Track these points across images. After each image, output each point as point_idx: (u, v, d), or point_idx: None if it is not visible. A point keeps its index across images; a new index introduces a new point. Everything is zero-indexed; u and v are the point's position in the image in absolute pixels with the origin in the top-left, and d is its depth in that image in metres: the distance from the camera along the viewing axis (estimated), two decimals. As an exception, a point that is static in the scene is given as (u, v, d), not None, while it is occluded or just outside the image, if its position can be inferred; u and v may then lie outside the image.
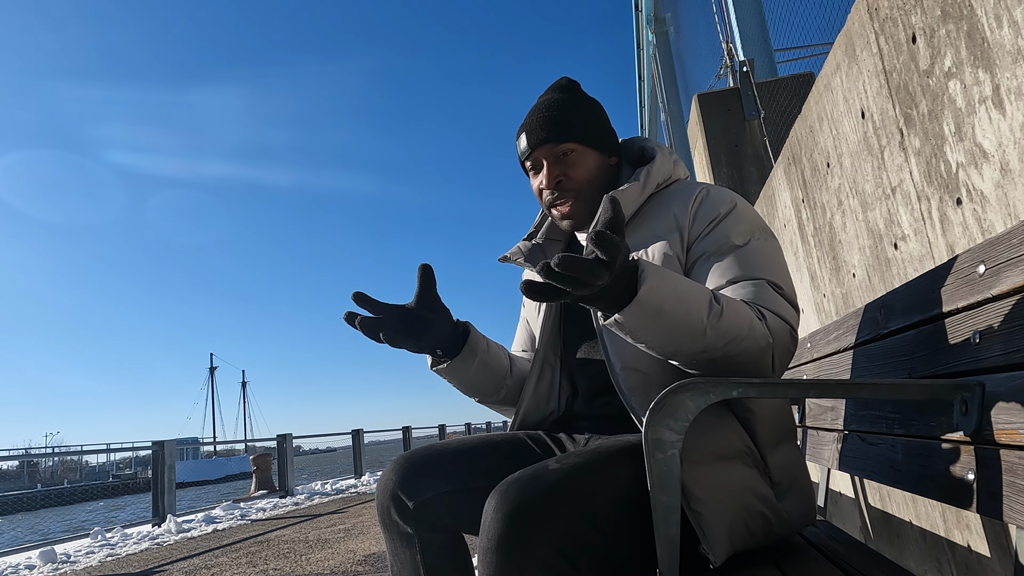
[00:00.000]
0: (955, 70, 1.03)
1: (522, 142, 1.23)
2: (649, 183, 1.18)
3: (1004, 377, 0.74)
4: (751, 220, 1.11)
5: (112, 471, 51.43)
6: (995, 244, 0.76)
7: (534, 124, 1.21)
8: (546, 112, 1.21)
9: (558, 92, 1.25)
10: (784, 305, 1.02)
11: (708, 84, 5.04)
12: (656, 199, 1.19)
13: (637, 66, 10.94)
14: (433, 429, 17.74)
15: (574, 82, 1.27)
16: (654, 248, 1.12)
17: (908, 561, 1.57)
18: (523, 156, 1.23)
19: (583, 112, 1.22)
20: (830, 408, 1.44)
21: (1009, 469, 0.72)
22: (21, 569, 4.85)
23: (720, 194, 1.14)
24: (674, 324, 0.89)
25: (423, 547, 1.14)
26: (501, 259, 1.32)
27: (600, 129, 1.23)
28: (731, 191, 1.16)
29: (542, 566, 0.84)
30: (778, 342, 0.98)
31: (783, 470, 1.03)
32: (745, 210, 1.13)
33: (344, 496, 8.86)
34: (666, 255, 1.10)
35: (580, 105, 1.23)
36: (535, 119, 1.21)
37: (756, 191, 3.72)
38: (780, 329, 0.98)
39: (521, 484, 0.88)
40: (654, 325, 0.88)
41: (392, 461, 1.19)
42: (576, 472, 0.92)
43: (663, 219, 1.14)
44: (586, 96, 1.26)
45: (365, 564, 3.89)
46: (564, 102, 1.22)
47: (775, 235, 1.13)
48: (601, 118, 1.25)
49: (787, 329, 1.00)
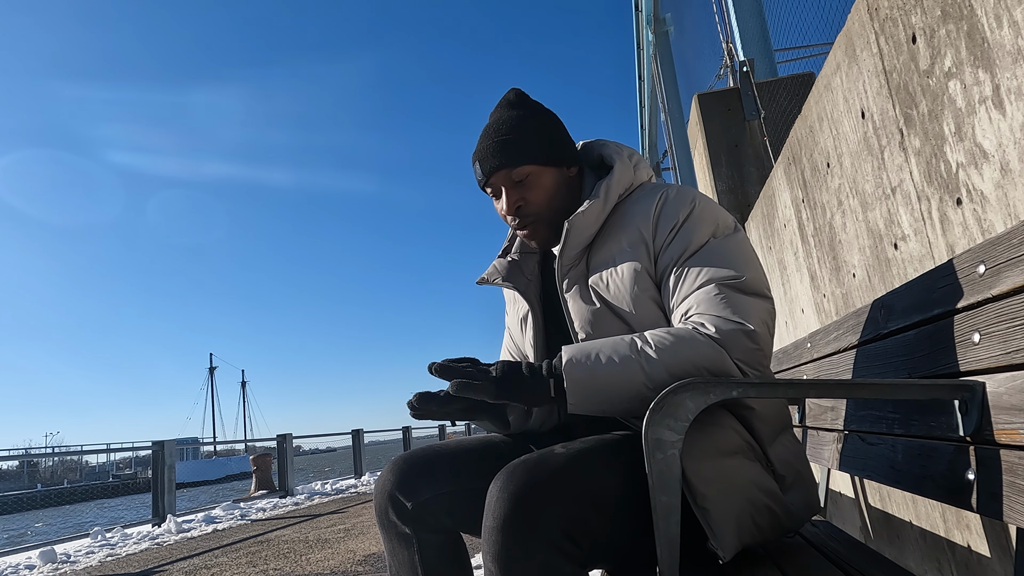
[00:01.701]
0: (955, 70, 1.02)
1: (477, 170, 1.20)
2: (610, 198, 1.15)
3: (1004, 377, 0.74)
4: (711, 220, 1.09)
5: (112, 471, 51.44)
6: (995, 244, 0.76)
7: (486, 151, 1.17)
8: (495, 137, 1.17)
9: (507, 110, 1.21)
10: (739, 302, 0.99)
11: (708, 84, 5.04)
12: (620, 209, 1.16)
13: (637, 66, 10.93)
14: (433, 429, 17.77)
15: (522, 95, 1.23)
16: (623, 266, 1.10)
17: (908, 561, 1.57)
18: (480, 184, 1.21)
19: (533, 130, 1.18)
20: (830, 408, 1.44)
21: (1009, 469, 0.72)
22: (21, 569, 4.85)
23: (679, 197, 1.11)
24: (614, 389, 0.95)
25: (421, 547, 1.14)
26: (479, 282, 1.30)
27: (554, 144, 1.19)
28: (692, 190, 1.14)
29: (547, 545, 0.85)
30: (732, 346, 0.95)
31: (785, 463, 1.03)
32: (704, 210, 1.09)
33: (344, 496, 8.86)
34: (636, 271, 1.09)
35: (530, 122, 1.18)
36: (486, 145, 1.17)
37: (756, 191, 3.72)
38: (729, 332, 0.96)
39: (527, 466, 0.89)
40: (597, 393, 0.95)
41: (390, 462, 1.19)
42: (581, 457, 0.93)
43: (628, 232, 1.12)
44: (537, 109, 1.21)
45: (365, 564, 3.89)
46: (514, 121, 1.18)
47: (740, 226, 1.11)
48: (554, 131, 1.20)
49: (737, 329, 0.96)
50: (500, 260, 1.30)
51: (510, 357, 1.38)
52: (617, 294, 1.09)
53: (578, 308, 1.13)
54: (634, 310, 1.07)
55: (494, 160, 1.16)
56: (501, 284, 1.27)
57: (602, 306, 1.10)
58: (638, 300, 1.08)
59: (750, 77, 3.94)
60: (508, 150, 1.16)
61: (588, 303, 1.12)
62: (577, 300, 1.13)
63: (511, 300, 1.36)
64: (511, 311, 1.35)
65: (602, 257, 1.14)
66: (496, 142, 1.17)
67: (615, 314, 1.09)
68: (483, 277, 1.29)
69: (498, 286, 1.30)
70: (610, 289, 1.10)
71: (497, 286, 1.30)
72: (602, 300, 1.11)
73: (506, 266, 1.28)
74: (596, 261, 1.14)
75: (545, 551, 0.84)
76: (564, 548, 0.85)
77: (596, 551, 0.90)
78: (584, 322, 1.11)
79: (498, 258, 1.31)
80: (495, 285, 1.29)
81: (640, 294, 1.08)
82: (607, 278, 1.11)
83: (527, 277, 1.28)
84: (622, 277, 1.09)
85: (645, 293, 1.08)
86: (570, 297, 1.14)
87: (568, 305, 1.14)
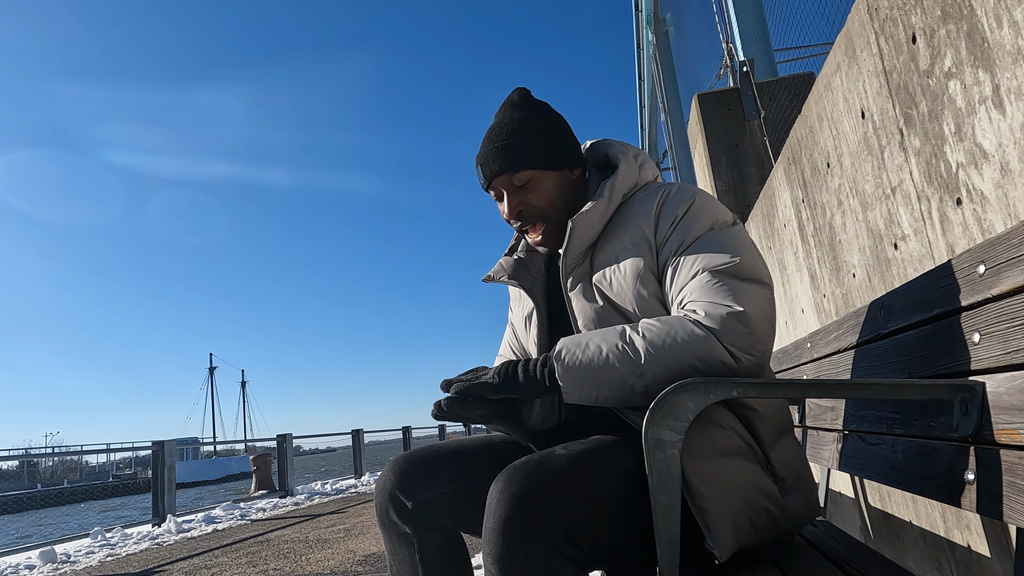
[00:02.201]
0: (955, 70, 1.02)
1: (480, 173, 1.21)
2: (614, 197, 1.16)
3: (1004, 377, 0.74)
4: (710, 214, 1.09)
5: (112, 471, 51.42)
6: (995, 244, 0.76)
7: (488, 155, 1.18)
8: (496, 142, 1.17)
9: (510, 112, 1.21)
10: (731, 287, 0.98)
11: (708, 84, 5.04)
12: (624, 208, 1.17)
13: (637, 66, 10.94)
14: (433, 429, 17.75)
15: (527, 96, 1.23)
16: (626, 264, 1.11)
17: (908, 561, 1.57)
18: (483, 187, 1.22)
19: (536, 133, 1.18)
20: (830, 408, 1.44)
21: (1009, 469, 0.72)
22: (21, 569, 4.86)
23: (680, 194, 1.12)
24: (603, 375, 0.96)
25: (422, 547, 1.14)
26: (485, 279, 1.31)
27: (556, 147, 1.19)
28: (693, 187, 1.14)
29: (548, 547, 0.85)
30: (721, 330, 0.94)
31: (785, 466, 1.03)
32: (702, 205, 1.10)
33: (344, 496, 8.86)
34: (639, 269, 1.09)
35: (532, 125, 1.18)
36: (488, 149, 1.18)
37: (756, 191, 3.72)
38: (718, 317, 0.95)
39: (528, 468, 0.90)
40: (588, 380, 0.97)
41: (391, 461, 1.19)
42: (582, 458, 0.93)
43: (631, 230, 1.13)
44: (540, 111, 1.21)
45: (365, 564, 3.89)
46: (516, 125, 1.18)
47: (739, 221, 1.11)
48: (557, 133, 1.20)
49: (726, 312, 0.95)
50: (506, 258, 1.31)
51: (509, 352, 1.39)
52: (620, 292, 1.10)
53: (582, 306, 1.13)
54: (637, 308, 1.08)
55: (495, 164, 1.17)
56: (507, 282, 1.28)
57: (606, 304, 1.11)
58: (641, 298, 1.08)
59: (750, 77, 3.94)
60: (509, 155, 1.16)
61: (592, 301, 1.12)
62: (581, 298, 1.14)
63: (516, 298, 1.37)
64: (516, 308, 1.37)
65: (606, 256, 1.14)
66: (497, 147, 1.17)
67: (618, 312, 1.10)
68: (489, 275, 1.30)
69: (504, 284, 1.31)
70: (613, 287, 1.11)
71: (503, 284, 1.31)
72: (605, 298, 1.11)
73: (512, 264, 1.29)
74: (600, 260, 1.15)
75: (545, 553, 0.84)
76: (564, 550, 0.86)
77: (596, 552, 0.90)
78: (588, 320, 1.12)
79: (504, 256, 1.32)
80: (501, 283, 1.30)
81: (643, 292, 1.08)
82: (611, 276, 1.12)
83: (533, 275, 1.29)
84: (625, 275, 1.10)
85: (648, 290, 1.08)
86: (574, 295, 1.15)
87: (572, 303, 1.15)
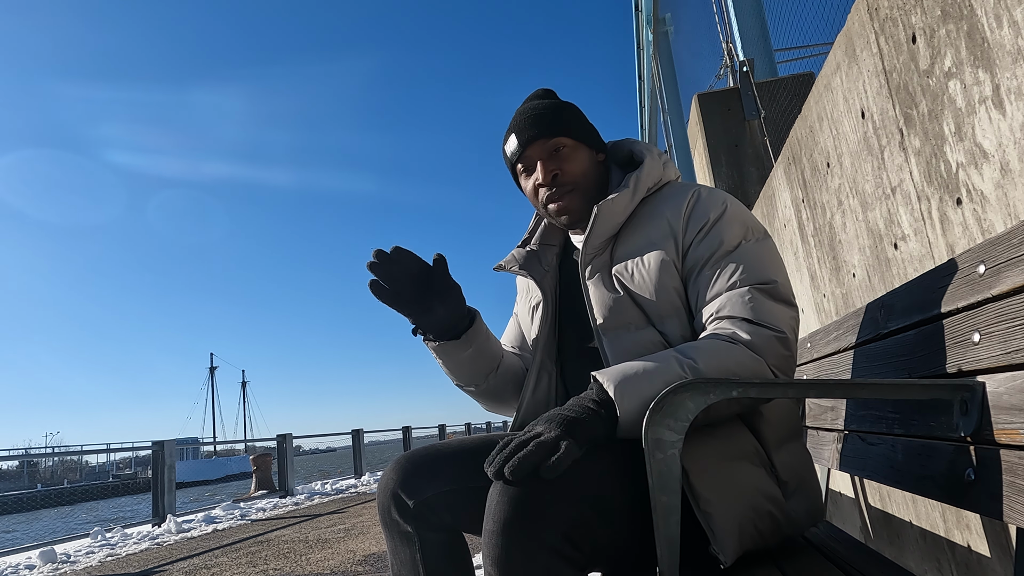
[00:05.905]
0: (955, 70, 1.03)
1: (511, 143, 1.22)
2: (639, 189, 1.17)
3: (1004, 377, 0.74)
4: (743, 222, 1.11)
5: (112, 471, 51.42)
6: (995, 244, 0.76)
7: (523, 123, 1.20)
8: (532, 113, 1.21)
9: (539, 98, 1.26)
10: (770, 309, 1.01)
11: (708, 84, 5.04)
12: (648, 203, 1.19)
13: (637, 66, 10.94)
14: (433, 429, 17.74)
15: (552, 91, 1.29)
16: (649, 256, 1.12)
17: (908, 561, 1.57)
18: (514, 157, 1.22)
19: (568, 111, 1.23)
20: (830, 408, 1.44)
21: (1009, 469, 0.72)
22: (21, 569, 4.86)
23: (711, 197, 1.13)
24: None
25: (423, 546, 1.14)
26: (496, 268, 1.32)
27: (587, 127, 1.24)
28: (723, 192, 1.16)
29: (548, 549, 0.84)
30: (768, 353, 0.97)
31: (790, 469, 1.03)
32: (736, 212, 1.12)
33: (344, 496, 8.86)
34: (663, 262, 1.10)
35: (564, 105, 1.24)
36: (522, 119, 1.21)
37: (756, 191, 3.72)
38: (764, 340, 0.98)
39: None
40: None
41: (393, 461, 1.19)
42: (583, 459, 0.93)
43: (656, 225, 1.14)
44: (566, 101, 1.27)
45: (365, 564, 3.89)
46: (547, 104, 1.23)
47: (769, 233, 1.13)
48: (585, 118, 1.26)
49: (772, 336, 0.98)
50: (519, 249, 1.32)
51: (507, 343, 1.41)
52: (641, 283, 1.11)
53: (600, 295, 1.14)
54: (655, 299, 1.09)
55: (531, 130, 1.19)
56: (517, 272, 1.29)
57: (624, 294, 1.12)
58: (661, 290, 1.09)
59: (750, 77, 3.94)
60: (545, 121, 1.20)
61: (611, 291, 1.13)
62: (600, 287, 1.15)
63: (524, 289, 1.38)
64: (523, 299, 1.38)
65: (628, 248, 1.15)
66: (533, 116, 1.20)
67: (635, 302, 1.11)
68: (501, 264, 1.31)
69: (514, 274, 1.32)
70: (635, 279, 1.12)
71: (513, 274, 1.32)
72: (625, 289, 1.12)
73: (524, 255, 1.30)
74: (621, 251, 1.16)
75: (546, 555, 0.84)
76: (565, 552, 0.85)
77: (597, 554, 0.90)
78: (604, 308, 1.13)
79: (517, 247, 1.33)
80: (511, 272, 1.31)
81: (664, 284, 1.10)
82: (632, 268, 1.13)
83: (544, 268, 1.30)
84: (648, 268, 1.11)
85: (670, 283, 1.10)
86: (592, 284, 1.16)
87: (589, 292, 1.16)
